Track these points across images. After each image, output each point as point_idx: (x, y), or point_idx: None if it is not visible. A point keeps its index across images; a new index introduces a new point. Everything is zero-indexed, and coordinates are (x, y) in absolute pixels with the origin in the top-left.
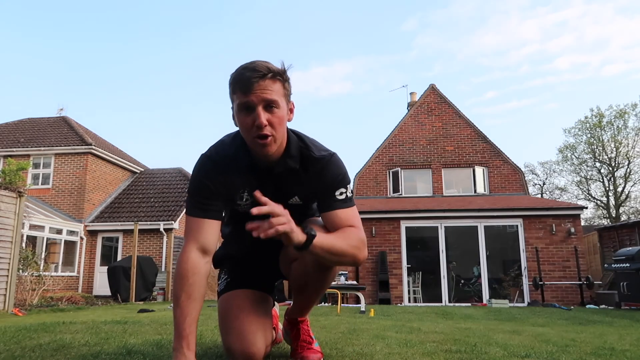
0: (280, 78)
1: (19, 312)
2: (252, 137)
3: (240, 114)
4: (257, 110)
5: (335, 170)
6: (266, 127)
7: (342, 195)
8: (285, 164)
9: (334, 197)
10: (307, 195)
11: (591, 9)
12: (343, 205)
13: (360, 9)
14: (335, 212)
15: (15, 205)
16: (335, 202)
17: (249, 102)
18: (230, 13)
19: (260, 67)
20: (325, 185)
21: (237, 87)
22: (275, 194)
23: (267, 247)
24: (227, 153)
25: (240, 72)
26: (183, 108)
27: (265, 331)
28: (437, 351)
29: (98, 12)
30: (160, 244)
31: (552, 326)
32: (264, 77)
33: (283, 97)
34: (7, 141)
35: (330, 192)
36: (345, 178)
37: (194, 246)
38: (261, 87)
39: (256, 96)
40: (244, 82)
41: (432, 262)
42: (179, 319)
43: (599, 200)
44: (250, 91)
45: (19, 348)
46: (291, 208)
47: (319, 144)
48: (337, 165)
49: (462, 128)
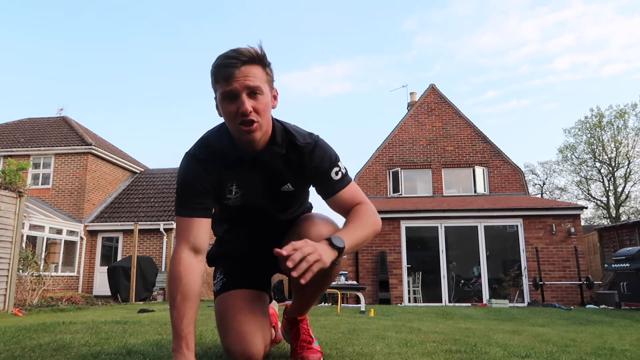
0: (260, 63)
1: (19, 312)
2: (237, 125)
3: (224, 102)
4: (241, 98)
5: (323, 155)
6: (251, 114)
7: (337, 174)
8: (272, 151)
9: (332, 180)
10: (298, 181)
11: (591, 8)
12: (343, 184)
13: (359, 9)
14: (340, 194)
15: (15, 205)
16: (336, 184)
17: (232, 90)
18: (231, 12)
19: (240, 54)
20: (319, 172)
21: (219, 76)
22: (266, 182)
23: (262, 243)
24: (210, 148)
25: (221, 60)
26: (183, 108)
27: (264, 331)
28: (437, 351)
29: (98, 12)
30: (160, 244)
31: (552, 326)
32: (245, 64)
33: (266, 83)
34: (7, 141)
35: (327, 177)
36: (335, 158)
37: (186, 246)
38: (243, 74)
39: (239, 83)
40: (225, 70)
41: (432, 262)
42: (176, 321)
43: (599, 200)
44: (232, 78)
45: (19, 348)
46: (284, 195)
47: (301, 130)
48: (323, 149)
49: (462, 128)
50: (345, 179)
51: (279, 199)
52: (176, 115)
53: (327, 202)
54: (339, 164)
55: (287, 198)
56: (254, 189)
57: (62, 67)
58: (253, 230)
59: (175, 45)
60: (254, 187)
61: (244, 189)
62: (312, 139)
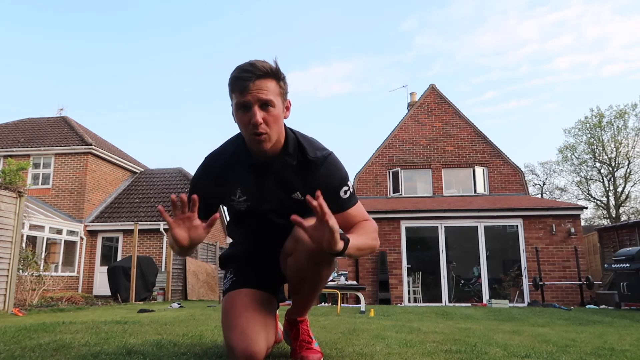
0: (274, 77)
1: (19, 312)
2: (249, 134)
3: (238, 112)
4: (253, 110)
5: (333, 172)
6: (261, 126)
7: (346, 194)
8: (283, 160)
9: (340, 198)
10: (309, 190)
11: (590, 8)
12: (351, 203)
13: (358, 9)
14: (348, 212)
15: (15, 205)
16: (344, 203)
17: (245, 102)
18: (230, 13)
19: (256, 68)
20: (328, 189)
21: (234, 87)
22: (275, 189)
23: (269, 248)
24: (225, 154)
25: (237, 72)
26: (183, 108)
27: (268, 332)
28: (437, 351)
29: (98, 12)
30: (160, 244)
31: (552, 326)
32: (259, 78)
33: (279, 95)
34: (7, 141)
35: (336, 195)
36: (345, 177)
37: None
38: (257, 87)
39: (252, 96)
40: (240, 82)
41: (432, 262)
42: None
43: (599, 200)
44: (247, 91)
45: (19, 348)
46: (294, 203)
47: (316, 143)
48: (334, 166)
49: (462, 128)
50: (352, 198)
51: (288, 206)
52: (176, 116)
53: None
54: (348, 184)
55: (296, 205)
56: (260, 195)
57: (62, 67)
58: (259, 234)
59: (175, 45)
60: (261, 193)
61: (250, 194)
62: (322, 154)
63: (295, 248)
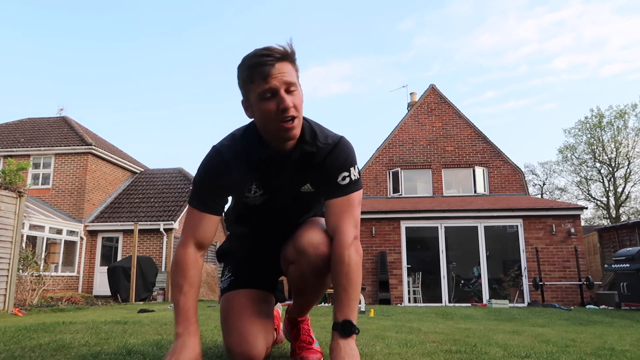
0: (290, 60)
1: (19, 312)
2: (278, 122)
3: (261, 102)
4: (280, 94)
5: (338, 155)
6: (291, 109)
7: (344, 180)
8: (302, 149)
9: (335, 183)
10: (317, 182)
11: (589, 8)
12: (345, 192)
13: (357, 9)
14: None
15: (15, 205)
16: (338, 190)
17: (271, 88)
18: (229, 13)
19: (274, 51)
20: (327, 172)
21: (255, 76)
22: (289, 182)
23: (273, 243)
24: (237, 147)
25: (254, 60)
26: (183, 108)
27: (267, 333)
28: (437, 351)
29: (98, 12)
30: (160, 244)
31: (552, 326)
32: (279, 60)
33: (297, 78)
34: (7, 141)
35: (332, 178)
36: (348, 160)
37: (192, 241)
38: (279, 71)
39: (277, 80)
40: (261, 68)
41: (432, 262)
42: (184, 306)
43: (599, 200)
44: (270, 76)
45: (19, 348)
46: (304, 196)
47: (327, 130)
48: (341, 149)
49: (462, 128)
50: (349, 187)
51: (299, 199)
52: (176, 116)
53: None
54: (350, 169)
55: (307, 199)
56: (279, 190)
57: (62, 67)
58: (266, 230)
59: (175, 46)
60: (280, 187)
61: (268, 189)
62: (333, 140)
63: (297, 259)
